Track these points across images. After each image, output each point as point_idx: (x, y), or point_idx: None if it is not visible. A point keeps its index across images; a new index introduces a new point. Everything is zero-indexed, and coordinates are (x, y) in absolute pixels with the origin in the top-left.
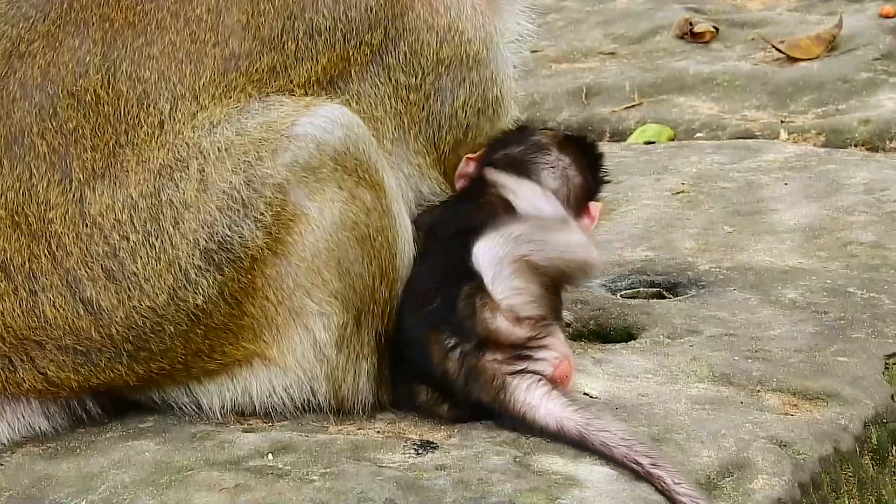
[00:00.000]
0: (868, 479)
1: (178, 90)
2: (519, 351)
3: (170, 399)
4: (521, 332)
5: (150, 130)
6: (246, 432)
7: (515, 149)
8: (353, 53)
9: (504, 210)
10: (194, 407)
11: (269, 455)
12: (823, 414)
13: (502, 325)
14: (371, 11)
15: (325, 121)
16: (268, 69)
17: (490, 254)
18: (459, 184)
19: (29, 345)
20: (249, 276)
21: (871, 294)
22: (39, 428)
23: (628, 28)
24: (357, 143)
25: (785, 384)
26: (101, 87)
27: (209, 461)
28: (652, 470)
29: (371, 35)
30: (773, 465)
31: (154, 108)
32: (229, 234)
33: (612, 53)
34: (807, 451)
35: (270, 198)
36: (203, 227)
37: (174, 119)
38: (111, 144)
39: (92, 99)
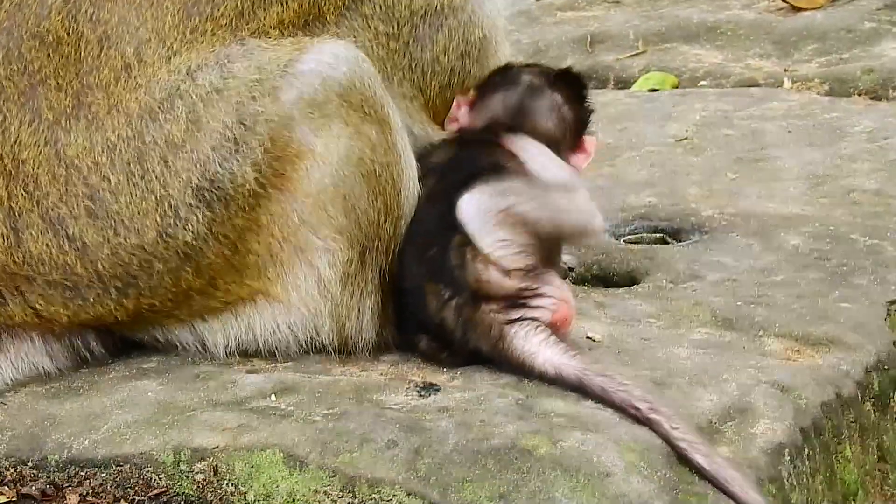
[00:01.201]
0: (870, 424)
1: (142, 33)
2: (514, 300)
3: (174, 338)
4: (512, 284)
5: (115, 74)
6: (249, 373)
7: (511, 93)
8: (325, 3)
9: (506, 163)
10: (199, 346)
11: (272, 396)
12: (825, 359)
13: (493, 276)
14: None
15: (330, 57)
16: (234, 12)
17: (474, 207)
18: (452, 126)
19: (18, 279)
20: (253, 214)
21: (874, 241)
22: (42, 368)
23: None
24: (363, 78)
25: (787, 330)
26: (62, 28)
27: (212, 401)
28: (650, 415)
29: None
30: (775, 409)
31: (116, 50)
32: (223, 173)
33: (617, 2)
34: (808, 396)
35: (270, 136)
36: (196, 167)
37: (142, 62)
38: (75, 85)
39: (54, 40)
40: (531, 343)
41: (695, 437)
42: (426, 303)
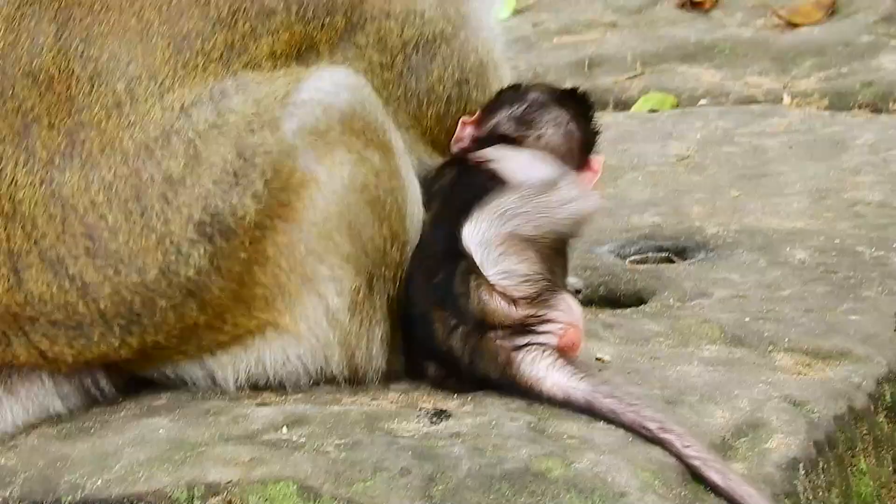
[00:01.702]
0: (884, 436)
1: (132, 69)
2: (520, 327)
3: (183, 374)
4: (518, 313)
5: (107, 111)
6: (260, 406)
7: (517, 108)
8: (317, 34)
9: (492, 183)
10: (208, 380)
11: (284, 428)
12: (836, 372)
13: (499, 305)
14: None
15: (330, 84)
16: (224, 46)
17: (477, 236)
18: (456, 147)
19: (21, 320)
20: (259, 246)
21: (880, 252)
22: (53, 408)
23: None
24: (364, 104)
25: (797, 344)
26: (53, 66)
27: (224, 436)
28: (661, 434)
29: (332, 19)
30: (788, 424)
31: (107, 87)
32: (224, 207)
33: (613, 24)
34: (821, 409)
35: (273, 167)
36: (197, 202)
37: (134, 99)
38: (67, 123)
39: (46, 78)
40: (538, 368)
41: (708, 454)
42: (433, 330)
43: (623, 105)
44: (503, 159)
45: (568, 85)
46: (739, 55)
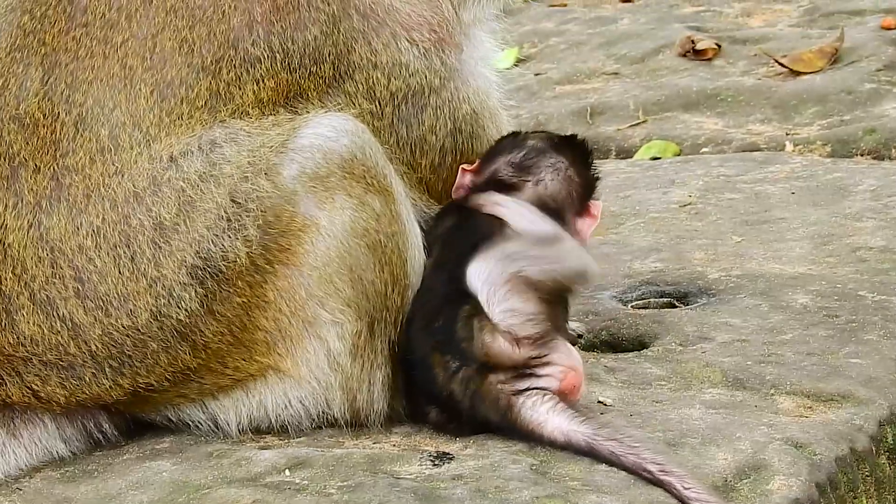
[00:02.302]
0: (885, 478)
1: (116, 115)
2: (522, 370)
3: (185, 417)
4: (521, 354)
5: (91, 156)
6: (262, 449)
7: (516, 154)
8: (305, 83)
9: (497, 227)
10: (210, 424)
11: (287, 471)
12: (838, 415)
13: (503, 347)
14: (311, 47)
15: (329, 129)
16: (209, 93)
17: (483, 276)
18: (457, 194)
19: (14, 361)
20: (259, 290)
21: (882, 297)
22: (57, 452)
23: (630, 48)
24: (363, 148)
25: (798, 387)
26: (38, 110)
27: (226, 479)
28: (661, 477)
29: (319, 68)
30: (790, 465)
31: (91, 132)
32: (219, 253)
33: (616, 73)
34: (823, 451)
35: (273, 212)
36: (190, 247)
37: (119, 147)
38: (53, 168)
39: (31, 122)
40: (539, 412)
41: (709, 495)
42: (434, 374)
43: (625, 153)
44: (506, 206)
45: (570, 133)
46: (742, 103)
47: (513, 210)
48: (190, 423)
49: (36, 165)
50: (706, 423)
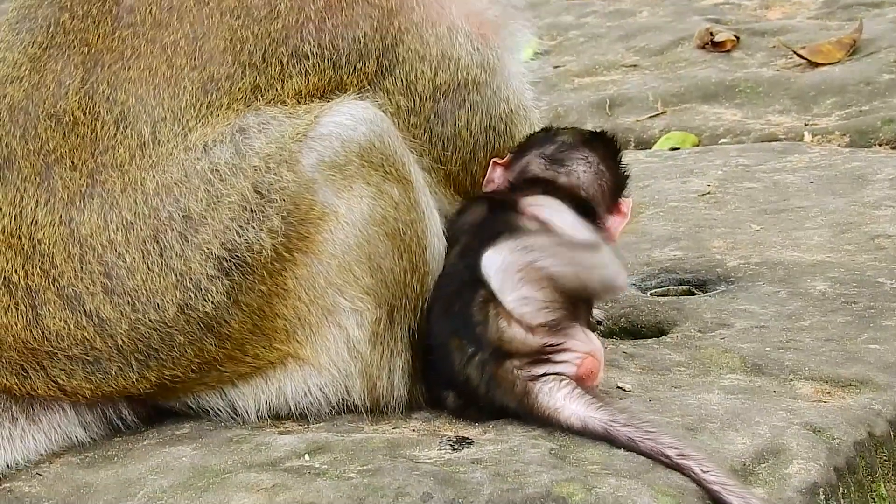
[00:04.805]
0: None
1: (158, 112)
2: (538, 356)
3: (205, 405)
4: (536, 341)
5: (130, 152)
6: (282, 434)
7: (548, 148)
8: (347, 78)
9: (526, 223)
10: (230, 411)
11: (306, 455)
12: (856, 400)
13: (517, 334)
14: (360, 43)
15: (348, 118)
16: (251, 87)
17: (496, 264)
18: (488, 188)
19: (40, 355)
20: (279, 279)
21: None
22: (77, 437)
23: (649, 41)
24: (382, 137)
25: (817, 372)
26: (78, 108)
27: (246, 463)
28: (680, 461)
29: (363, 64)
30: (808, 450)
31: (132, 129)
32: (243, 242)
33: (635, 66)
34: (841, 436)
35: (292, 201)
36: (216, 237)
37: (157, 141)
38: (90, 165)
39: (70, 120)
40: (556, 398)
41: (728, 479)
42: (451, 359)
43: (644, 144)
44: (547, 207)
45: (589, 125)
46: (760, 94)
47: (555, 212)
48: (209, 410)
49: (72, 162)
50: (725, 409)
